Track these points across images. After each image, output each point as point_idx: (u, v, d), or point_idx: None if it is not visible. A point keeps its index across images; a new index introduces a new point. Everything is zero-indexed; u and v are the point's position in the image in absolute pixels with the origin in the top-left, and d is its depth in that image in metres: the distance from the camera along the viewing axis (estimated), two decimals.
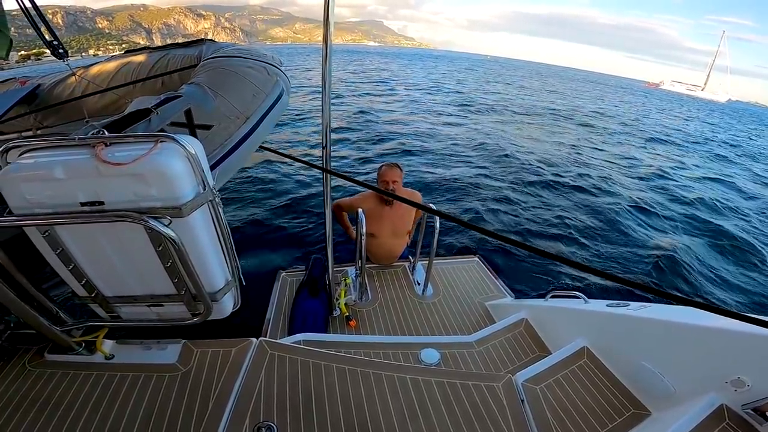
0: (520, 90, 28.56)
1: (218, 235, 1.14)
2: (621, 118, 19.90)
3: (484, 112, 15.79)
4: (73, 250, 1.05)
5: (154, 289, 1.16)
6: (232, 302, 1.30)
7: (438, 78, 32.72)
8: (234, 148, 1.93)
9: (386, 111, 14.10)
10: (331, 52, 1.51)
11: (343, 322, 2.38)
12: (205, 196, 1.04)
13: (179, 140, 0.96)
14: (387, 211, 2.68)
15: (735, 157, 13.66)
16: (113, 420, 1.15)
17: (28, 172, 0.92)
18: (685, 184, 8.68)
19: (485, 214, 5.65)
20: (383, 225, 2.69)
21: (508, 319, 2.28)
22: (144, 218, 0.91)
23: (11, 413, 1.14)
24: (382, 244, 2.80)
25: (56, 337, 1.25)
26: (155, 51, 2.58)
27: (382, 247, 2.82)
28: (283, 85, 2.32)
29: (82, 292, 1.16)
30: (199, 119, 1.64)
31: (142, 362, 1.34)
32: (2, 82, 2.89)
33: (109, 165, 0.90)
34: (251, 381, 1.31)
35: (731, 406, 1.19)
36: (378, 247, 2.81)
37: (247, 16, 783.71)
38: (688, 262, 4.78)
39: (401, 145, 9.14)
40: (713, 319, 1.24)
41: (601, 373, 1.61)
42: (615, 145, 12.34)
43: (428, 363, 1.88)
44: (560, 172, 8.07)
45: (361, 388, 1.35)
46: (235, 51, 2.29)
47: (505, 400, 1.39)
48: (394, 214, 2.71)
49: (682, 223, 6.23)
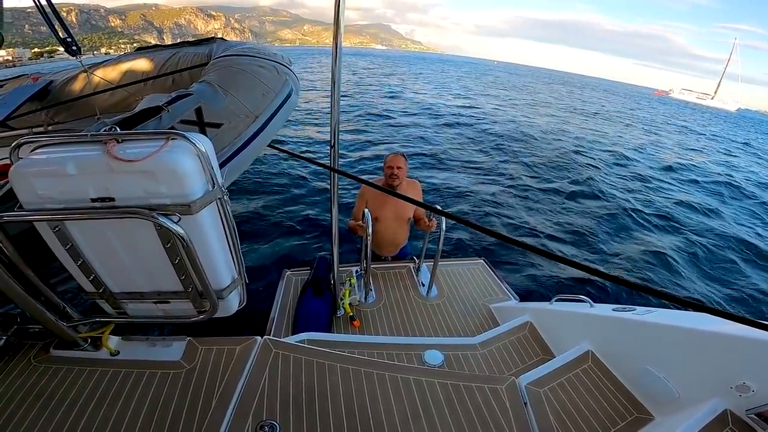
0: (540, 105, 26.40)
1: (226, 232, 1.15)
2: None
3: (501, 122, 15.04)
4: (83, 245, 1.06)
5: (161, 286, 1.17)
6: (237, 300, 1.30)
7: (454, 83, 32.55)
8: (243, 146, 1.94)
9: (399, 112, 14.12)
10: (341, 53, 1.52)
11: (347, 321, 2.38)
12: (214, 194, 1.04)
13: (190, 138, 0.97)
14: (391, 197, 2.71)
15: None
16: (117, 416, 1.16)
17: (40, 167, 0.93)
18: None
19: (493, 216, 5.64)
20: (386, 209, 2.73)
21: (513, 321, 2.27)
22: (153, 215, 0.92)
23: (16, 408, 1.16)
24: (386, 229, 2.82)
25: (62, 333, 1.26)
26: (166, 49, 2.60)
27: (385, 233, 2.84)
28: (292, 85, 2.33)
29: (90, 287, 1.17)
30: (209, 117, 1.65)
31: (147, 359, 1.35)
32: (14, 78, 2.92)
33: (120, 162, 0.90)
34: (255, 379, 1.31)
35: (735, 411, 1.18)
36: (381, 232, 2.83)
37: (256, 17, 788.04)
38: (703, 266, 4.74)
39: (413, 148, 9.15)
40: (718, 323, 1.23)
41: (605, 377, 1.60)
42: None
43: (432, 364, 1.88)
44: (574, 177, 8.06)
45: (364, 388, 1.35)
46: (245, 50, 2.30)
47: (509, 403, 1.38)
48: (397, 199, 2.73)
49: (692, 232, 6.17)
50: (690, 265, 4.91)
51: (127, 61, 2.60)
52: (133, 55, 2.67)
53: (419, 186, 2.89)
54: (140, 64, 2.52)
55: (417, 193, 2.78)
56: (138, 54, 2.66)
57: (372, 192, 2.72)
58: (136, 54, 2.67)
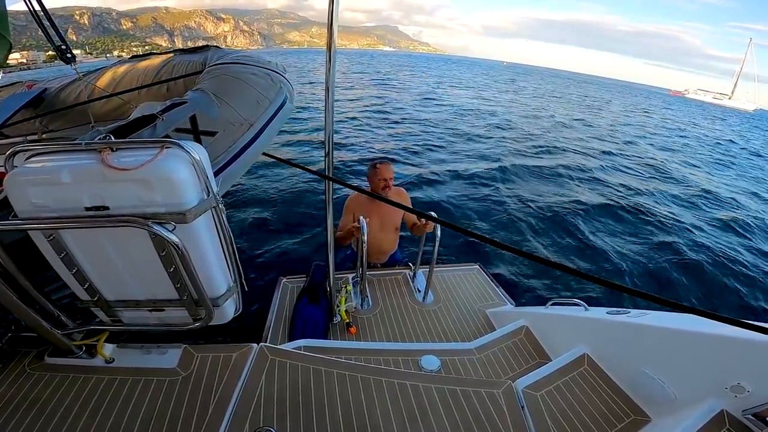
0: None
1: (221, 240, 1.15)
2: None
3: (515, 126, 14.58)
4: (77, 254, 1.06)
5: (156, 294, 1.16)
6: (233, 307, 1.30)
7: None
8: (238, 154, 1.94)
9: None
10: (335, 59, 1.53)
11: (344, 328, 2.38)
12: (208, 203, 1.05)
13: (185, 146, 0.97)
14: (377, 206, 2.72)
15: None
16: (112, 424, 1.15)
17: (35, 176, 0.93)
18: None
19: (488, 223, 5.66)
20: (372, 220, 2.72)
21: (509, 326, 2.27)
22: (148, 223, 0.92)
23: (10, 416, 1.15)
24: (373, 239, 2.81)
25: (57, 341, 1.26)
26: (160, 56, 2.60)
27: (372, 242, 2.83)
28: (286, 92, 2.33)
29: (85, 295, 1.16)
30: (203, 125, 1.65)
31: (142, 366, 1.34)
32: (9, 85, 2.91)
33: (114, 170, 0.91)
34: (251, 386, 1.31)
35: (731, 411, 1.19)
36: (368, 242, 2.82)
37: (264, 20, 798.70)
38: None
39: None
40: (713, 325, 1.25)
41: (601, 379, 1.61)
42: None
43: (428, 369, 1.88)
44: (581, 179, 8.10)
45: (361, 394, 1.35)
46: (239, 58, 2.30)
47: (506, 407, 1.39)
48: (383, 210, 2.76)
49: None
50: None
51: (121, 68, 2.60)
52: (128, 62, 2.67)
53: (406, 194, 2.91)
54: (135, 72, 2.52)
55: (405, 201, 2.80)
56: (132, 61, 2.66)
57: (357, 204, 2.73)
58: (131, 61, 2.66)
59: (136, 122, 1.28)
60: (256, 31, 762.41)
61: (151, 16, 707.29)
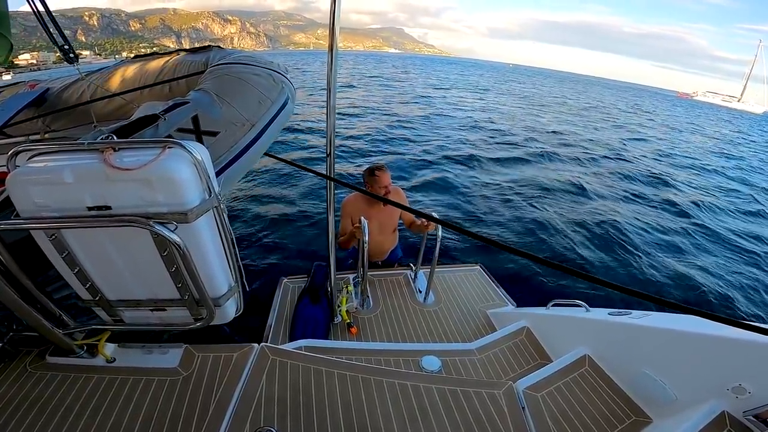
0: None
1: (222, 240, 1.15)
2: None
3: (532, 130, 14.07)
4: (79, 253, 1.06)
5: (157, 294, 1.17)
6: (234, 307, 1.30)
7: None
8: (239, 154, 1.95)
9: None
10: (336, 61, 1.53)
11: (345, 329, 2.38)
12: (210, 202, 1.05)
13: (187, 146, 0.98)
14: (375, 210, 2.73)
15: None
16: (113, 423, 1.15)
17: (37, 176, 0.94)
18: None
19: (490, 223, 5.66)
20: (370, 224, 2.71)
21: (510, 327, 2.27)
22: (150, 223, 0.92)
23: (11, 415, 1.15)
24: (372, 242, 2.79)
25: (58, 340, 1.26)
26: (163, 56, 2.61)
27: (370, 245, 2.83)
28: (288, 93, 2.34)
29: (86, 295, 1.17)
30: (205, 126, 1.65)
31: (144, 366, 1.34)
32: (11, 85, 2.92)
33: (117, 170, 0.91)
34: (252, 386, 1.31)
35: (733, 413, 1.19)
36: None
37: (271, 22, 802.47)
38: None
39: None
40: (714, 327, 1.25)
41: (602, 380, 1.61)
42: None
43: (429, 370, 1.88)
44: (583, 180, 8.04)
45: (361, 395, 1.35)
46: (241, 58, 2.31)
47: (506, 407, 1.39)
48: (382, 213, 2.76)
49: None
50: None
51: (124, 68, 2.61)
52: (130, 62, 2.67)
53: (403, 193, 2.92)
54: (137, 72, 2.52)
55: (402, 200, 2.80)
56: (135, 61, 2.66)
57: (355, 208, 2.72)
58: (133, 61, 2.67)
59: (139, 122, 1.28)
60: (262, 32, 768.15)
61: (159, 18, 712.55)
